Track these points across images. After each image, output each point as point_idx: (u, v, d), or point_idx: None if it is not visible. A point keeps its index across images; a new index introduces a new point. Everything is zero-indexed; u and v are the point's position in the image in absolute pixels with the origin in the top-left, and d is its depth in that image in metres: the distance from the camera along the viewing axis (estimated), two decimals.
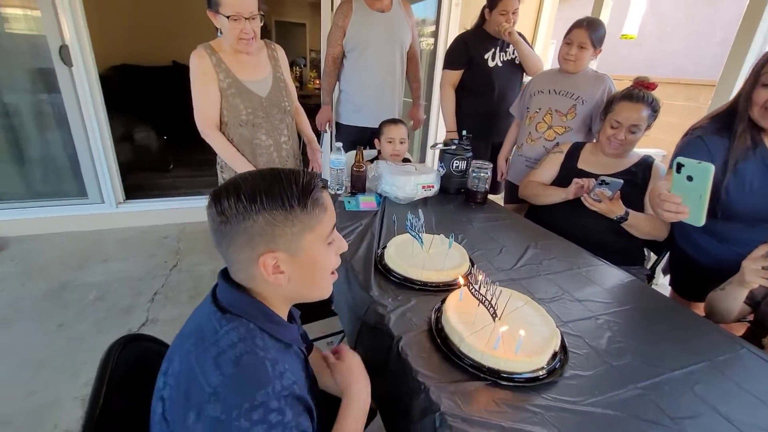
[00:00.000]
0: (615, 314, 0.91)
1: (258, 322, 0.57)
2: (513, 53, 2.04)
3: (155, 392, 0.57)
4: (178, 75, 2.29)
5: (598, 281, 1.05)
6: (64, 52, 2.24)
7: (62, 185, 2.60)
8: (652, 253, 1.57)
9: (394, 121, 1.82)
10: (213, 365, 0.51)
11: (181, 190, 3.03)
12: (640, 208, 1.43)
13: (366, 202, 1.43)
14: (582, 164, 1.58)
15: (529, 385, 0.69)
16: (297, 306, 1.40)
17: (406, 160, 1.89)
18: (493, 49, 2.03)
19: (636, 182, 1.46)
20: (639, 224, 1.39)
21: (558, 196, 1.51)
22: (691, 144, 1.17)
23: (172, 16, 4.60)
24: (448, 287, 0.94)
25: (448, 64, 2.17)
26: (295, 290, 0.63)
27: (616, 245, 1.46)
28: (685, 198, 0.95)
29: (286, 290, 0.62)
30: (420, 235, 1.02)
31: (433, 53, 3.10)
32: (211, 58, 1.43)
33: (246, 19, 1.35)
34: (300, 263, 0.60)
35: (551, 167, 1.65)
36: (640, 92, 1.45)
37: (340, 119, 2.37)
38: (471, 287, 0.79)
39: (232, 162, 1.52)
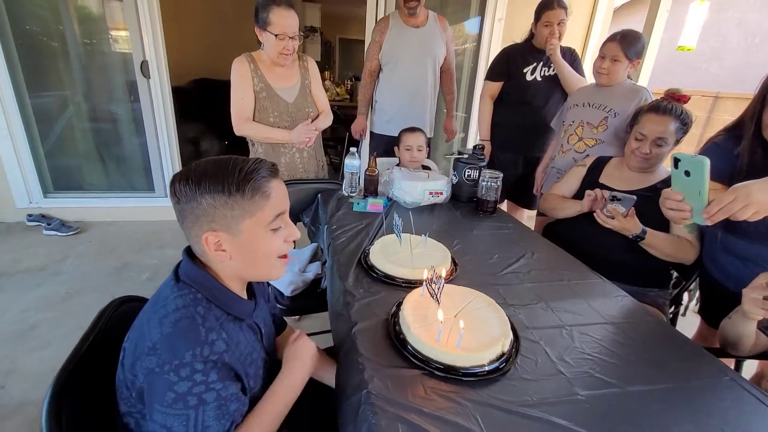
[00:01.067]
0: (588, 327, 0.88)
1: (206, 293, 0.64)
2: None
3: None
4: None
5: (584, 295, 1.01)
6: (144, 66, 2.64)
7: (134, 180, 3.02)
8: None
9: (411, 130, 1.88)
10: (157, 324, 0.59)
11: None
12: (664, 227, 1.33)
13: (374, 204, 1.50)
14: (604, 179, 1.51)
15: (465, 379, 0.70)
16: (296, 298, 1.49)
17: (426, 168, 1.93)
18: (535, 63, 2.02)
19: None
20: (659, 245, 1.30)
21: (573, 208, 1.46)
22: (707, 150, 1.12)
23: (240, 37, 5.13)
24: (418, 284, 0.96)
25: (488, 75, 2.22)
26: (239, 268, 0.68)
27: (634, 265, 1.37)
28: (687, 195, 0.90)
29: (231, 267, 0.67)
30: (400, 234, 1.06)
31: (474, 68, 3.11)
32: (249, 64, 1.63)
33: (289, 38, 1.54)
34: (240, 244, 0.65)
35: (573, 181, 1.59)
36: (669, 104, 1.36)
37: (373, 128, 2.49)
38: (427, 282, 0.82)
39: (272, 136, 1.69)
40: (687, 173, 0.87)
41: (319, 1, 5.77)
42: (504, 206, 2.42)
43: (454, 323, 0.79)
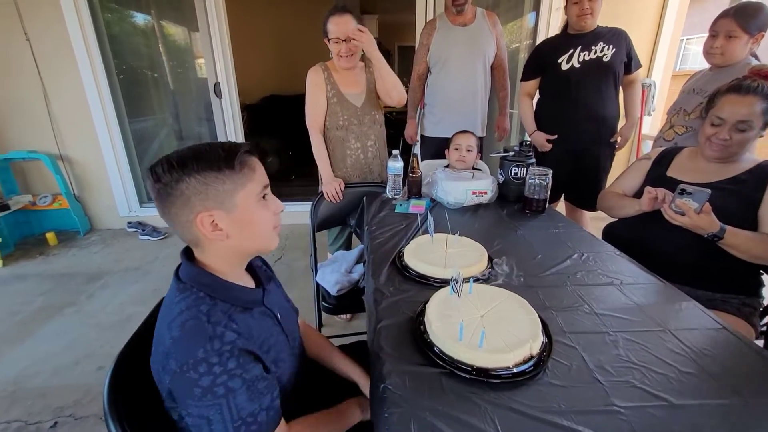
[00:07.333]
0: (637, 334, 0.79)
1: (208, 290, 0.66)
2: (601, 50, 1.85)
3: None
4: None
5: (637, 299, 0.91)
6: (216, 87, 2.94)
7: None
8: None
9: (463, 131, 1.85)
10: (167, 329, 0.63)
11: (297, 197, 3.55)
12: (749, 225, 1.15)
13: (416, 205, 1.50)
14: (673, 171, 1.35)
15: (487, 380, 0.67)
16: (342, 297, 1.53)
17: (476, 170, 1.88)
18: (571, 50, 1.89)
19: (744, 193, 1.18)
20: (743, 245, 1.12)
21: (632, 208, 1.33)
22: None
23: (308, 54, 5.48)
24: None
25: (523, 75, 2.15)
26: (238, 245, 0.69)
27: (711, 268, 1.21)
28: None
29: (229, 247, 0.68)
30: (432, 231, 1.06)
31: None
32: (323, 73, 1.75)
33: (343, 40, 1.63)
34: (237, 219, 0.66)
35: (635, 176, 1.45)
36: (753, 82, 1.18)
37: (424, 132, 2.49)
38: (453, 281, 0.81)
39: (318, 160, 1.82)
40: None
41: (376, 12, 5.93)
42: (561, 208, 2.27)
43: (479, 323, 0.76)
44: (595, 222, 2.15)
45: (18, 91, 2.86)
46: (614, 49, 1.87)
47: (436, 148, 2.36)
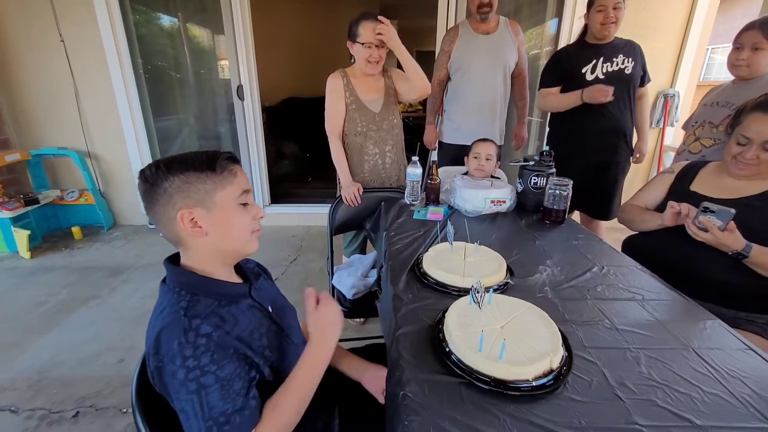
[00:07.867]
0: (660, 351, 0.78)
1: (190, 288, 0.70)
2: (622, 63, 1.84)
3: None
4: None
5: (660, 315, 0.89)
6: (239, 90, 3.01)
7: None
8: None
9: (483, 139, 1.85)
10: (151, 329, 0.67)
11: (313, 199, 3.60)
12: None
13: (434, 212, 1.51)
14: (697, 186, 1.32)
15: (506, 392, 0.68)
16: (357, 301, 1.54)
17: (494, 178, 1.88)
18: (594, 60, 1.87)
19: None
20: None
21: (654, 222, 1.31)
22: None
23: (327, 57, 5.55)
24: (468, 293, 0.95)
25: (542, 83, 2.11)
26: (216, 243, 0.72)
27: (736, 286, 1.18)
28: None
29: (208, 245, 0.72)
30: (452, 240, 1.07)
31: None
32: (343, 79, 1.78)
33: (375, 46, 1.66)
34: (215, 218, 0.70)
35: (657, 189, 1.43)
36: None
37: (442, 138, 2.50)
38: (473, 290, 0.81)
39: (337, 165, 1.84)
40: None
41: (396, 17, 5.96)
42: (576, 217, 2.24)
43: (499, 334, 0.77)
44: (612, 233, 2.12)
45: (51, 89, 2.99)
46: (633, 62, 1.87)
47: (454, 154, 2.36)
